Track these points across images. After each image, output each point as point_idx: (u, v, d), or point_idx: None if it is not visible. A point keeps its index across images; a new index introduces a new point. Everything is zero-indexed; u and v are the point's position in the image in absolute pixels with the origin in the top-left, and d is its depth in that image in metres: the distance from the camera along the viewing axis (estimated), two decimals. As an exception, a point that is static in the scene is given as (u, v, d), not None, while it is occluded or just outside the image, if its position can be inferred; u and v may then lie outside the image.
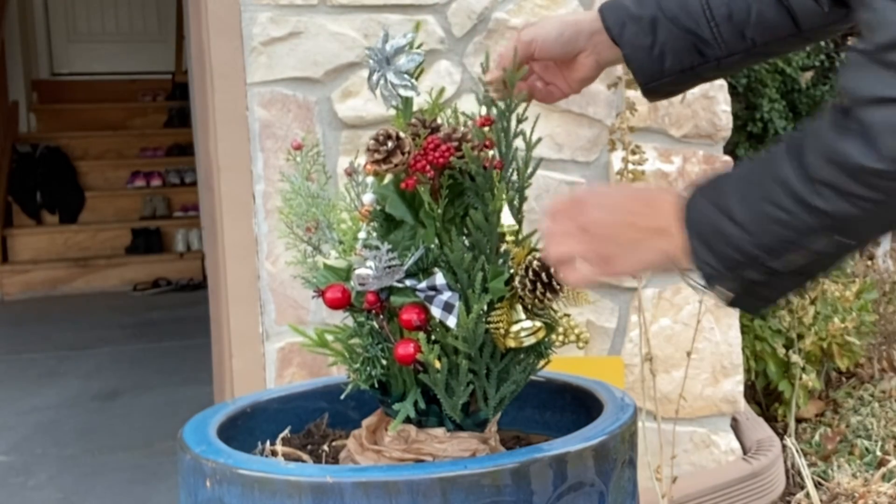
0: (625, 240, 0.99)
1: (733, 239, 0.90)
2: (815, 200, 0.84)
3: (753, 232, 0.88)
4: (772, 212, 0.87)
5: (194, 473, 1.09)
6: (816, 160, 0.84)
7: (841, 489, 2.53)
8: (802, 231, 0.86)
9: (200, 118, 2.45)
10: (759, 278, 0.91)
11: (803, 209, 0.85)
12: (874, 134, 0.80)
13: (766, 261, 0.89)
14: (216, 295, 2.33)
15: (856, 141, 0.81)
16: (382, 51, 1.14)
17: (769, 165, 0.89)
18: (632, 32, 1.15)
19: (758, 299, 0.95)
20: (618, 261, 1.00)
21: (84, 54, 8.30)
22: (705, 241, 0.92)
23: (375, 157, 1.09)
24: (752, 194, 0.89)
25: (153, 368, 4.50)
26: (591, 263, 1.02)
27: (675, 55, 1.15)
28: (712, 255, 0.91)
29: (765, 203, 0.87)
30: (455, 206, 1.13)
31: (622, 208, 1.01)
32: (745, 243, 0.89)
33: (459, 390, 1.11)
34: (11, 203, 7.12)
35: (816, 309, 2.85)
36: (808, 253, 0.88)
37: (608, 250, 1.00)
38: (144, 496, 2.91)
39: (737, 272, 0.91)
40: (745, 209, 0.89)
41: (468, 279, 1.10)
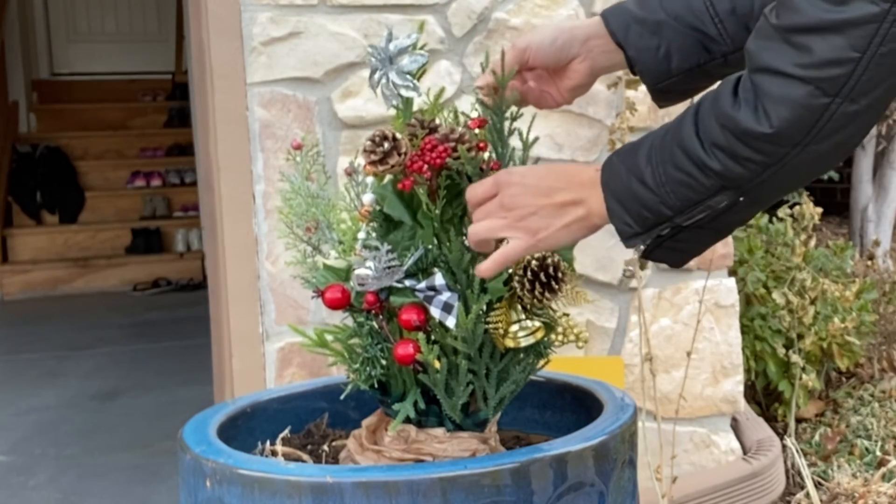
0: (546, 212, 1.05)
1: (644, 200, 0.98)
2: (711, 162, 0.93)
3: (661, 193, 0.97)
4: (675, 174, 0.96)
5: (194, 473, 1.09)
6: (712, 125, 0.93)
7: (841, 489, 2.53)
8: (702, 192, 0.96)
9: (200, 118, 2.45)
10: (670, 234, 1.01)
11: (701, 171, 0.94)
12: (766, 101, 0.89)
13: (674, 218, 0.98)
14: (216, 295, 2.33)
15: (747, 108, 0.90)
16: (386, 50, 1.14)
17: (675, 131, 0.97)
18: (636, 34, 1.15)
19: (671, 252, 1.04)
20: (543, 232, 1.05)
21: (84, 54, 8.30)
22: (621, 201, 1.00)
23: (372, 158, 1.09)
24: (660, 158, 0.97)
25: (153, 368, 4.50)
26: (517, 238, 1.06)
27: (681, 54, 1.15)
28: (628, 214, 1.00)
29: (669, 166, 0.96)
30: (453, 207, 1.13)
31: (540, 184, 1.06)
32: (655, 203, 0.98)
33: (459, 390, 1.11)
34: (11, 203, 7.12)
35: (816, 309, 2.85)
36: (711, 211, 0.97)
37: (532, 223, 1.05)
38: (144, 496, 2.91)
39: (651, 230, 1.00)
40: (653, 172, 0.97)
41: (467, 279, 1.10)
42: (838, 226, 4.93)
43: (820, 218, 2.97)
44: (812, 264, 3.06)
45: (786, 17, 0.89)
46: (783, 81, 0.88)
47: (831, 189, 4.99)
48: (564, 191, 1.05)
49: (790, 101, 0.88)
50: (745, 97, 0.91)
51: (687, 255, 1.05)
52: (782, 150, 0.91)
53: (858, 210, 4.49)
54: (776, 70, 0.89)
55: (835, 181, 4.85)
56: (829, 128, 0.89)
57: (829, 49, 0.86)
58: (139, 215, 7.27)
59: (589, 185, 1.04)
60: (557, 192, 1.05)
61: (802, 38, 0.87)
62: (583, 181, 1.05)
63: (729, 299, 2.50)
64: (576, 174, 1.06)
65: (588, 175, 1.05)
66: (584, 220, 1.05)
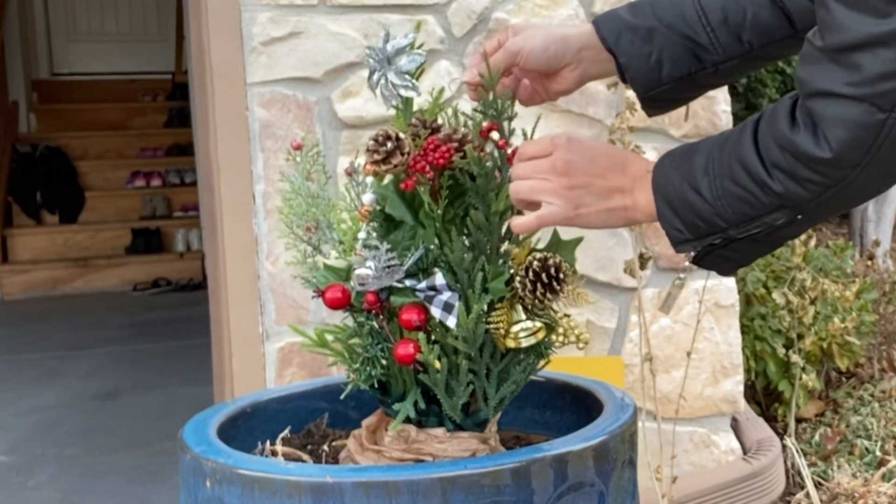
0: (595, 190, 1.05)
1: (699, 210, 0.99)
2: (772, 183, 0.93)
3: (717, 206, 0.97)
4: (734, 189, 0.96)
5: (194, 473, 1.09)
6: (772, 146, 0.93)
7: (841, 489, 2.53)
8: (760, 209, 0.96)
9: (200, 118, 2.45)
10: (722, 244, 1.01)
11: (760, 190, 0.94)
12: (823, 125, 0.89)
13: (728, 230, 0.99)
14: (216, 295, 2.33)
15: (806, 132, 0.90)
16: (383, 50, 1.14)
17: (735, 145, 0.97)
18: (628, 41, 1.15)
19: (721, 260, 1.04)
20: (584, 209, 1.06)
21: (84, 54, 8.30)
22: (673, 207, 1.01)
23: (375, 158, 1.09)
24: (717, 171, 0.97)
25: (153, 368, 4.50)
26: (558, 206, 1.06)
27: (672, 62, 1.15)
28: (680, 221, 1.00)
29: (727, 180, 0.96)
30: (455, 207, 1.13)
31: (597, 160, 1.06)
32: (710, 215, 0.98)
33: (459, 390, 1.11)
34: (11, 203, 7.12)
35: (816, 309, 2.85)
36: (766, 226, 0.97)
37: (578, 196, 1.05)
38: (144, 496, 2.91)
39: (703, 239, 1.01)
40: (710, 184, 0.97)
41: (468, 279, 1.10)
42: (838, 226, 4.93)
43: (820, 218, 2.96)
44: (812, 264, 3.06)
45: (831, 37, 0.88)
46: (837, 103, 0.87)
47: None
48: (618, 176, 1.05)
49: (846, 121, 0.87)
50: (803, 121, 0.90)
51: (737, 264, 1.05)
52: (843, 172, 0.90)
53: (858, 210, 4.49)
54: (829, 92, 0.88)
55: (835, 181, 4.84)
56: (888, 144, 0.88)
57: (880, 63, 0.85)
58: (139, 215, 7.27)
59: (640, 178, 1.05)
60: (611, 175, 1.05)
61: (851, 57, 0.86)
62: (636, 173, 1.05)
63: (729, 299, 2.50)
64: (630, 163, 1.06)
65: (641, 168, 1.05)
66: (627, 210, 1.06)
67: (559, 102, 2.36)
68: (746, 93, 4.09)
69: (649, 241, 2.37)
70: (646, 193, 1.03)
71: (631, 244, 2.23)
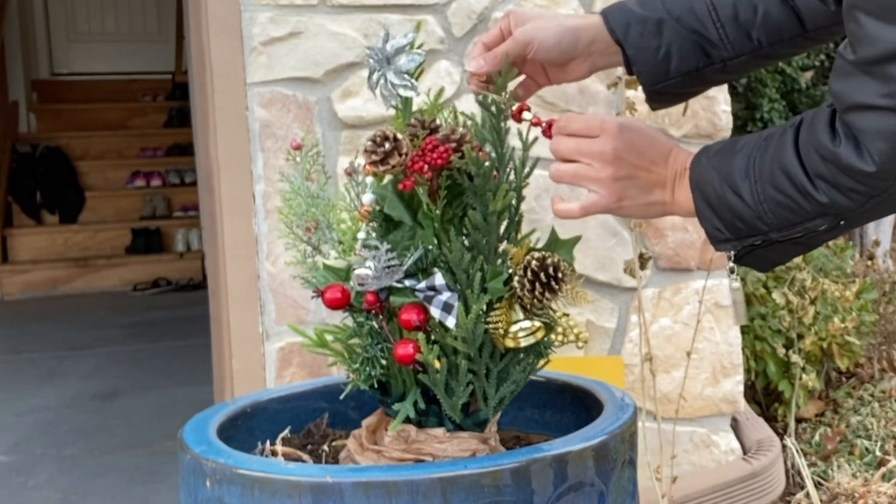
0: (640, 182, 1.05)
1: (739, 212, 0.99)
2: (814, 192, 0.94)
3: (759, 210, 0.98)
4: (775, 196, 0.96)
5: (194, 473, 1.09)
6: (814, 156, 0.93)
7: (841, 489, 2.53)
8: (802, 215, 0.96)
9: (200, 118, 2.45)
10: (762, 244, 1.01)
11: (803, 198, 0.94)
12: (863, 138, 0.89)
13: (769, 233, 0.99)
14: (216, 295, 2.33)
15: (848, 144, 0.90)
16: (383, 50, 1.14)
17: (776, 151, 0.96)
18: (637, 33, 1.15)
19: (761, 259, 1.04)
20: (628, 200, 1.06)
21: (84, 54, 8.30)
22: (713, 207, 1.01)
23: (373, 159, 1.08)
24: (759, 175, 0.97)
25: (153, 368, 4.50)
26: (602, 196, 1.06)
27: (680, 56, 1.14)
28: (720, 221, 1.01)
29: (769, 187, 0.96)
30: (454, 207, 1.13)
31: (645, 152, 1.06)
32: (751, 218, 0.98)
33: (459, 390, 1.11)
34: (11, 203, 7.12)
35: (816, 309, 2.85)
36: (808, 231, 0.98)
37: (623, 188, 1.05)
38: (144, 496, 2.91)
39: (742, 239, 1.01)
40: (751, 188, 0.98)
41: (467, 279, 1.10)
42: (838, 226, 4.92)
43: (820, 218, 2.96)
44: (812, 264, 3.06)
45: (863, 50, 0.88)
46: (874, 115, 0.88)
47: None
48: (661, 170, 1.06)
49: (886, 133, 0.88)
50: (844, 133, 0.91)
51: (776, 263, 1.06)
52: (886, 183, 0.90)
53: (858, 210, 4.49)
54: (865, 105, 0.88)
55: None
56: None
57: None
58: (139, 215, 7.27)
59: (680, 174, 1.05)
60: (655, 169, 1.05)
61: (884, 68, 0.87)
62: (677, 168, 1.05)
63: (729, 299, 2.50)
64: (673, 157, 1.06)
65: (681, 162, 1.05)
66: (665, 205, 1.06)
67: (559, 102, 2.36)
68: (746, 93, 4.09)
69: (649, 241, 2.37)
70: (685, 190, 1.04)
71: (631, 244, 2.23)
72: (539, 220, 2.22)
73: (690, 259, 2.43)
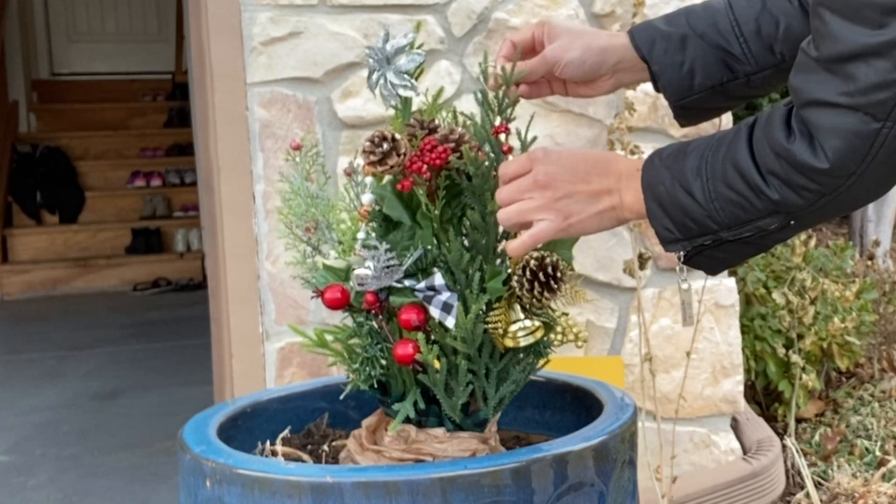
0: (581, 197, 1.05)
1: (690, 211, 0.99)
2: (766, 189, 0.94)
3: (710, 209, 0.98)
4: (727, 193, 0.96)
5: (194, 473, 1.09)
6: (767, 153, 0.93)
7: (841, 489, 2.53)
8: (753, 213, 0.96)
9: (200, 118, 2.45)
10: (712, 244, 1.01)
11: (755, 195, 0.95)
12: (819, 135, 0.89)
13: (719, 232, 0.99)
14: (216, 295, 2.33)
15: (802, 141, 0.90)
16: (383, 50, 1.14)
17: (729, 149, 0.97)
18: (661, 49, 1.16)
19: (710, 260, 1.05)
20: (575, 217, 1.06)
21: (84, 54, 8.30)
22: (664, 207, 1.01)
23: (371, 159, 1.09)
24: (711, 173, 0.97)
25: (153, 368, 4.50)
26: (548, 220, 1.06)
27: (704, 71, 1.15)
28: (671, 220, 1.01)
29: (721, 184, 0.96)
30: (452, 207, 1.13)
31: (577, 167, 1.06)
32: (702, 217, 0.98)
33: (459, 390, 1.11)
34: (11, 203, 7.12)
35: (816, 309, 2.85)
36: (758, 230, 0.98)
37: (566, 206, 1.06)
38: (144, 496, 2.91)
39: (693, 239, 1.01)
40: (703, 187, 0.98)
41: (466, 279, 1.10)
42: (838, 226, 4.93)
43: (820, 218, 2.96)
44: (812, 264, 3.06)
45: (825, 47, 0.89)
46: (832, 112, 0.88)
47: (831, 189, 4.98)
48: (601, 178, 1.05)
49: (841, 131, 0.88)
50: (799, 130, 0.91)
51: (726, 264, 1.06)
52: (838, 181, 0.91)
53: (858, 210, 4.49)
54: (824, 102, 0.89)
55: (835, 181, 4.84)
56: (882, 154, 0.88)
57: (874, 73, 0.86)
58: (139, 215, 7.27)
59: (625, 177, 1.05)
60: (593, 179, 1.05)
61: (846, 67, 0.87)
62: (620, 172, 1.05)
63: (729, 299, 2.51)
64: (612, 163, 1.07)
65: (625, 167, 1.05)
66: (615, 210, 1.06)
67: (559, 102, 2.36)
68: (746, 93, 4.09)
69: (649, 241, 2.37)
70: (633, 192, 1.04)
71: (631, 244, 2.23)
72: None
73: (690, 259, 2.43)
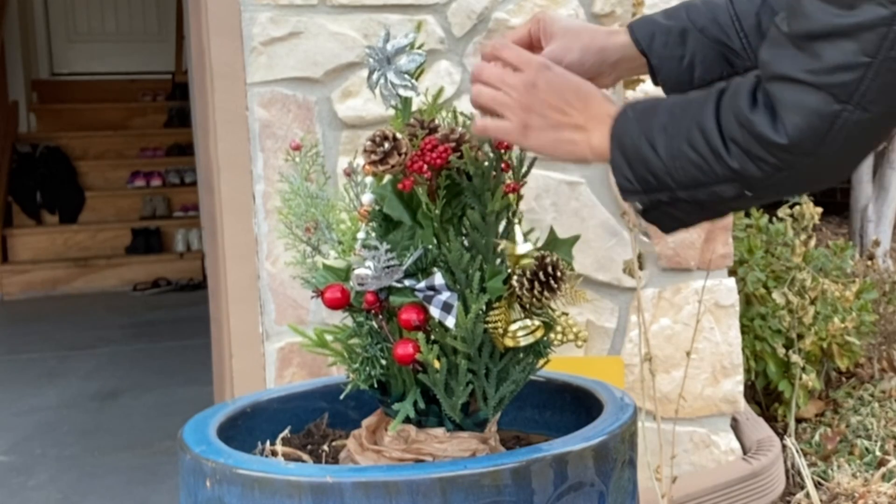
0: (550, 120, 1.06)
1: (652, 166, 0.99)
2: (726, 155, 0.94)
3: (670, 166, 0.98)
4: (689, 153, 0.97)
5: (194, 473, 1.09)
6: (731, 120, 0.94)
7: (841, 489, 2.53)
8: (711, 176, 0.97)
9: (200, 118, 2.45)
10: (668, 201, 1.02)
11: (715, 159, 0.95)
12: (781, 110, 0.90)
13: (676, 191, 0.99)
14: (216, 295, 2.33)
15: (764, 113, 0.91)
16: (383, 50, 1.14)
17: (697, 110, 0.97)
18: (661, 43, 1.16)
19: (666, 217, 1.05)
20: (534, 134, 1.07)
21: (84, 54, 8.30)
22: (627, 157, 1.01)
23: (372, 159, 1.09)
24: (676, 131, 0.98)
25: (153, 368, 4.50)
26: (510, 122, 1.07)
27: (704, 66, 1.16)
28: (632, 172, 1.01)
29: (684, 144, 0.97)
30: (453, 207, 1.13)
31: (562, 93, 1.07)
32: (662, 173, 0.99)
33: (459, 390, 1.11)
34: (11, 203, 7.11)
35: (816, 309, 2.85)
36: (713, 195, 0.98)
37: (532, 120, 1.07)
38: (144, 496, 2.91)
39: (650, 194, 1.02)
40: (667, 143, 0.98)
41: (466, 279, 1.10)
42: (838, 226, 4.93)
43: (820, 218, 2.97)
44: (812, 264, 3.06)
45: (796, 24, 0.89)
46: (796, 88, 0.89)
47: (831, 189, 4.99)
48: (577, 112, 1.06)
49: (803, 108, 0.88)
50: (763, 102, 0.92)
51: (681, 224, 1.06)
52: (795, 158, 0.91)
53: (858, 210, 4.49)
54: (789, 77, 0.89)
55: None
56: (841, 137, 0.89)
57: (840, 54, 0.86)
58: (139, 215, 7.27)
59: (599, 120, 1.05)
60: (570, 111, 1.06)
61: (813, 45, 0.88)
62: (596, 114, 1.06)
63: (729, 299, 2.50)
64: (594, 103, 1.07)
65: (604, 110, 1.06)
66: (577, 146, 1.07)
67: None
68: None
69: (649, 240, 2.37)
70: (601, 135, 1.04)
71: (631, 244, 2.23)
72: (539, 220, 2.22)
73: (690, 259, 2.43)
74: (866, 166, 4.47)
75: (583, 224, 2.28)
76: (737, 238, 3.02)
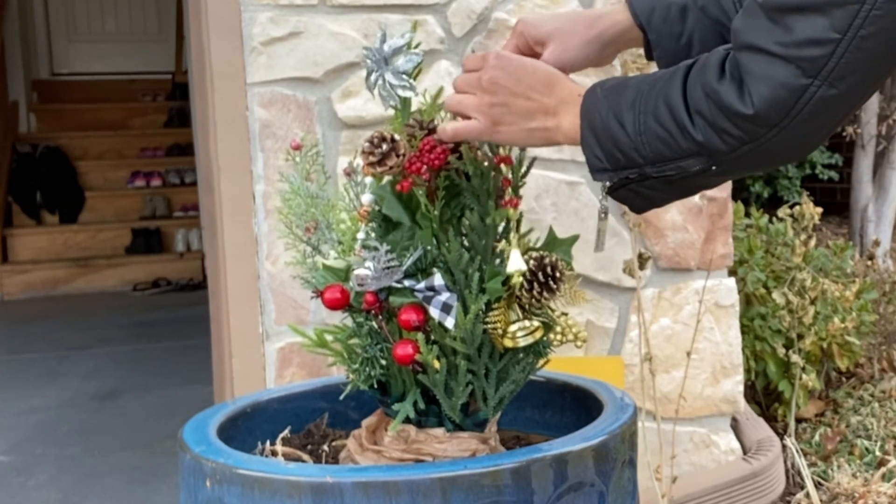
0: (517, 109, 1.07)
1: (620, 142, 1.00)
2: (691, 128, 0.95)
3: (637, 142, 0.98)
4: (655, 128, 0.97)
5: (194, 473, 1.09)
6: (698, 92, 0.94)
7: (841, 489, 2.53)
8: (677, 151, 0.97)
9: (200, 118, 2.45)
10: (637, 179, 1.02)
11: (681, 133, 0.95)
12: (748, 80, 0.90)
13: (644, 167, 1.00)
14: (216, 295, 2.33)
15: (731, 84, 0.91)
16: (380, 51, 1.14)
17: (664, 86, 0.98)
18: (660, 18, 1.16)
19: (635, 196, 1.05)
20: (504, 127, 1.07)
21: (84, 54, 8.30)
22: (596, 135, 1.02)
23: (370, 160, 1.09)
24: (643, 107, 0.98)
25: (153, 368, 4.50)
26: (478, 122, 1.08)
27: (702, 45, 1.16)
28: (601, 149, 1.02)
29: (651, 118, 0.97)
30: (452, 207, 1.13)
31: (523, 80, 1.07)
32: (629, 149, 0.99)
33: (458, 390, 1.11)
34: (11, 203, 7.12)
35: (816, 309, 2.85)
36: (680, 170, 0.98)
37: (499, 114, 1.07)
38: (144, 496, 2.91)
39: (619, 171, 1.02)
40: (634, 119, 0.98)
41: (465, 279, 1.10)
42: (838, 226, 4.92)
43: (820, 218, 2.97)
44: (812, 264, 3.06)
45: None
46: (765, 59, 0.89)
47: (831, 189, 4.99)
48: (542, 96, 1.07)
49: (771, 79, 0.89)
50: (731, 72, 0.92)
51: (651, 203, 1.07)
52: (761, 130, 0.91)
53: (858, 210, 4.49)
54: (759, 48, 0.89)
55: (835, 181, 4.85)
56: (806, 111, 0.89)
57: (811, 28, 0.86)
58: (139, 215, 7.27)
59: (566, 102, 1.06)
60: (534, 95, 1.07)
61: (786, 17, 0.88)
62: (563, 96, 1.06)
63: (729, 299, 2.50)
64: (558, 85, 1.07)
65: (569, 91, 1.06)
66: (548, 131, 1.07)
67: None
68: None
69: (649, 241, 2.37)
70: (571, 117, 1.05)
71: (631, 244, 2.23)
72: (538, 220, 2.22)
73: (690, 259, 2.43)
74: (866, 166, 4.47)
75: (583, 224, 2.28)
76: (737, 238, 3.03)
